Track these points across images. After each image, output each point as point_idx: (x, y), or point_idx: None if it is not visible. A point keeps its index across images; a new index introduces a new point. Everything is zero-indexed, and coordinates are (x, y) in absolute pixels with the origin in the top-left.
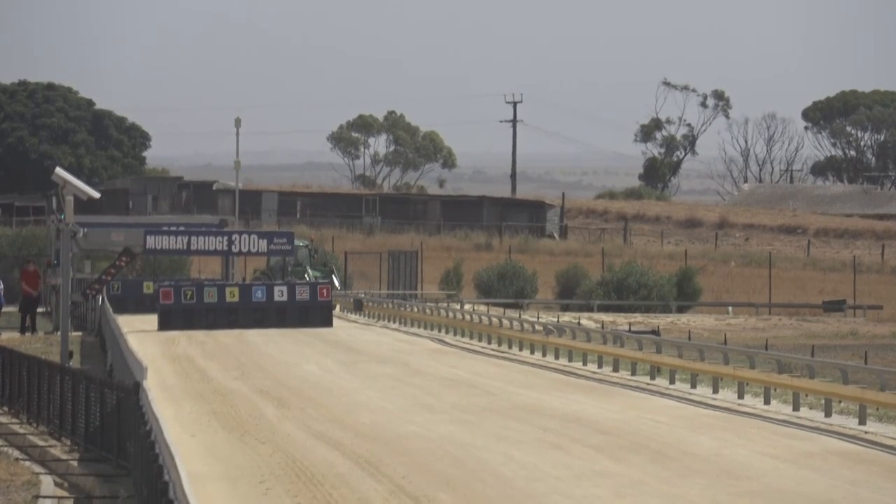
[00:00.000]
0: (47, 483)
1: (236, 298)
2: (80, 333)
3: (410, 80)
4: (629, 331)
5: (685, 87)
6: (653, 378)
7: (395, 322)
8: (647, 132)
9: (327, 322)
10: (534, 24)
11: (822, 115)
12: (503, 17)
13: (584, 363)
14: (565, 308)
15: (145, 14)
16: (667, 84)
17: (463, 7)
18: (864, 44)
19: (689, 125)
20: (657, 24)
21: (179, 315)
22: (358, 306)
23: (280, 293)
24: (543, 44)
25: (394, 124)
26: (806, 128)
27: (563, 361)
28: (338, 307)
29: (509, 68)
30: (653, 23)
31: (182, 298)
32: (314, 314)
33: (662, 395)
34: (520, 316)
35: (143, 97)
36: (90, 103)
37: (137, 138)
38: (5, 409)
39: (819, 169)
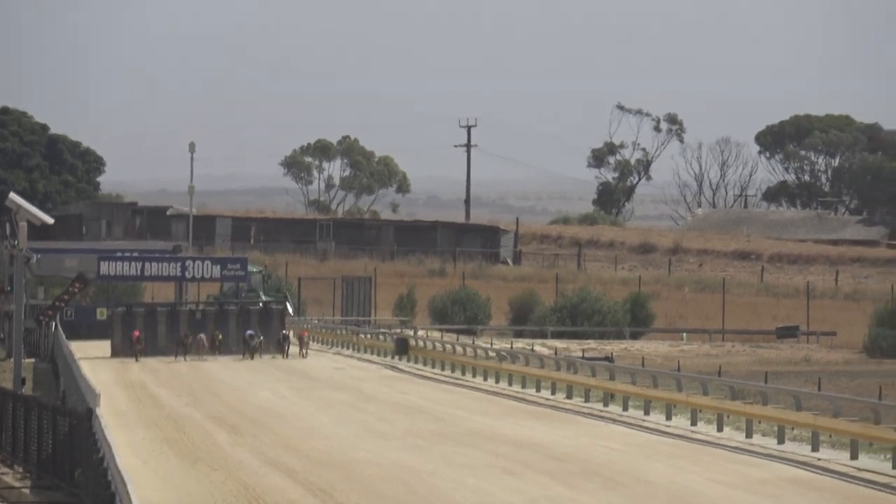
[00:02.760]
0: None
1: (187, 323)
2: (33, 360)
3: (365, 105)
4: (583, 357)
5: (639, 112)
6: (606, 405)
7: (348, 349)
8: (600, 157)
9: (282, 348)
10: (488, 49)
11: (775, 139)
12: (458, 42)
13: (538, 389)
14: (519, 334)
15: (99, 40)
16: (621, 108)
17: (418, 32)
18: (817, 68)
19: (643, 150)
20: (611, 48)
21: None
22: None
23: (234, 318)
24: (498, 68)
25: (348, 149)
26: (759, 152)
27: (516, 388)
28: (291, 333)
29: (464, 93)
30: (607, 47)
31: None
32: (268, 340)
33: (616, 421)
34: (473, 342)
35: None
36: (44, 128)
37: (91, 163)
38: None
39: (773, 194)
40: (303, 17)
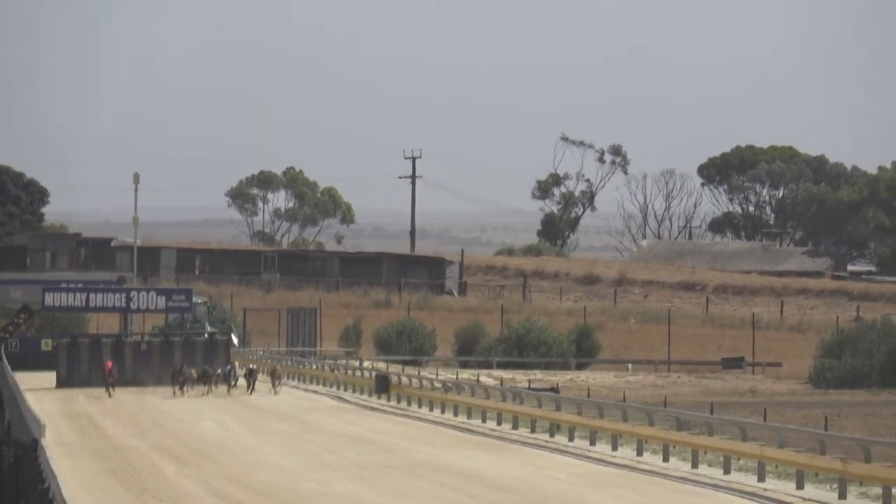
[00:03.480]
0: None
1: (132, 355)
2: None
3: (309, 137)
4: (528, 388)
5: (583, 143)
6: (552, 435)
7: (293, 379)
8: (545, 188)
9: (226, 379)
10: (433, 81)
11: (719, 170)
12: (402, 73)
13: (483, 420)
14: (464, 365)
15: (41, 69)
16: (565, 140)
17: (362, 64)
18: (760, 99)
19: (587, 181)
20: (556, 80)
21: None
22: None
23: (179, 349)
24: (442, 100)
25: (292, 180)
26: (702, 184)
27: (462, 418)
28: (237, 364)
29: (409, 125)
30: (552, 79)
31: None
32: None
33: (562, 452)
34: (419, 373)
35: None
36: None
37: (36, 194)
38: None
39: (717, 225)
40: (248, 48)
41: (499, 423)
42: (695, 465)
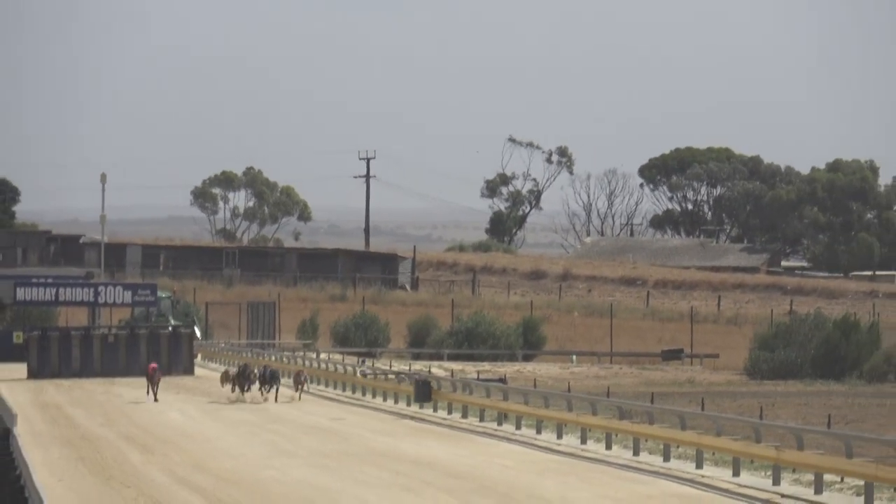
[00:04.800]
0: None
1: (99, 347)
2: None
3: (269, 138)
4: (478, 379)
5: (530, 144)
6: (500, 424)
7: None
8: (493, 187)
9: (189, 370)
10: (387, 83)
11: (658, 171)
12: (357, 75)
13: (435, 410)
14: (417, 357)
15: (10, 70)
16: (512, 141)
17: (321, 68)
18: (698, 102)
19: (534, 181)
20: (504, 83)
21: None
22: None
23: (144, 342)
24: (396, 101)
25: (252, 180)
26: (643, 183)
27: (414, 408)
28: (199, 356)
29: (364, 126)
30: (501, 82)
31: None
32: (177, 363)
33: (510, 440)
34: (373, 364)
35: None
36: None
37: (7, 193)
38: None
39: (657, 223)
40: (211, 53)
41: (449, 413)
42: (636, 452)
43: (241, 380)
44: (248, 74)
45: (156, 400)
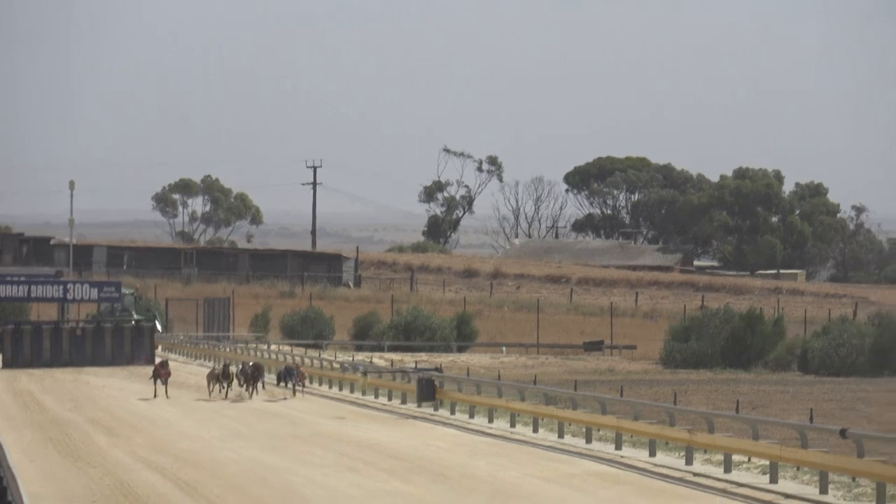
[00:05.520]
0: None
1: (68, 339)
2: None
3: (224, 148)
4: (415, 368)
5: (463, 154)
6: (436, 409)
7: (210, 361)
8: (430, 193)
9: (150, 361)
10: (335, 96)
11: (581, 178)
12: (308, 89)
13: (376, 396)
14: (360, 348)
15: None
16: (447, 151)
17: (272, 82)
18: (618, 114)
19: (466, 187)
20: (440, 96)
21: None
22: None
23: (109, 334)
24: (342, 114)
25: (209, 187)
26: (567, 190)
27: (357, 395)
28: (160, 347)
29: (312, 136)
30: (436, 95)
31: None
32: (139, 353)
33: (445, 424)
34: (320, 355)
35: None
36: None
37: None
38: None
39: (580, 226)
40: (174, 64)
41: (389, 399)
42: (561, 435)
43: (224, 378)
44: (206, 87)
45: (167, 396)
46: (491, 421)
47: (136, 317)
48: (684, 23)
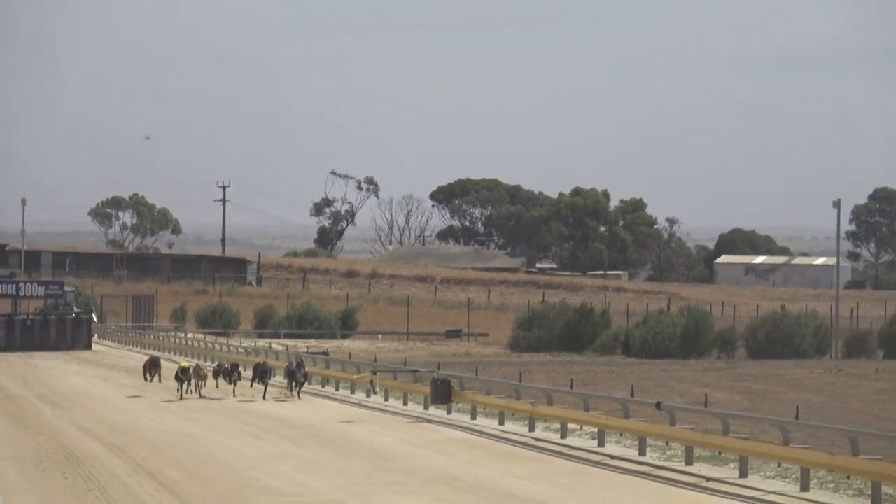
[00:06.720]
0: None
1: (20, 329)
2: None
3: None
4: (307, 352)
5: (346, 175)
6: (323, 386)
7: (137, 347)
8: (319, 208)
9: (88, 347)
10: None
11: (444, 195)
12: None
13: (274, 375)
14: (261, 335)
15: None
16: (334, 173)
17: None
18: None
19: (349, 203)
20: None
21: None
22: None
23: (54, 325)
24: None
25: (136, 202)
26: (432, 205)
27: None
28: (96, 335)
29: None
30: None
31: None
32: (78, 341)
33: (331, 398)
34: (227, 341)
35: None
36: None
37: None
38: None
39: (443, 235)
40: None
41: (285, 378)
42: (426, 407)
43: (195, 376)
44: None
45: (160, 380)
46: (369, 396)
47: (76, 310)
48: (533, 67)
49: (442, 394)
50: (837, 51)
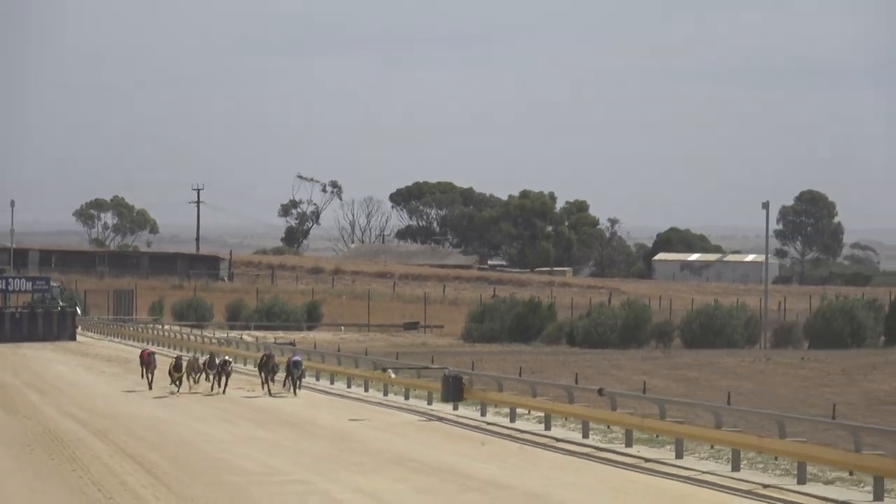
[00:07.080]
0: None
1: (9, 321)
2: None
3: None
4: (275, 342)
5: (311, 179)
6: (332, 382)
7: (118, 338)
8: (286, 209)
9: (73, 338)
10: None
11: (403, 197)
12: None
13: (245, 364)
14: (232, 327)
15: None
16: (300, 177)
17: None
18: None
19: (315, 204)
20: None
21: None
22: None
23: (41, 317)
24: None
25: (117, 204)
26: (392, 206)
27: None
28: (80, 327)
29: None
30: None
31: None
32: (64, 332)
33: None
34: (202, 333)
35: None
36: None
37: None
38: None
39: (402, 234)
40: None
41: (255, 366)
42: (386, 393)
43: (185, 370)
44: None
45: (150, 388)
46: (332, 382)
47: (61, 304)
48: (486, 80)
49: (454, 392)
50: (778, 61)
